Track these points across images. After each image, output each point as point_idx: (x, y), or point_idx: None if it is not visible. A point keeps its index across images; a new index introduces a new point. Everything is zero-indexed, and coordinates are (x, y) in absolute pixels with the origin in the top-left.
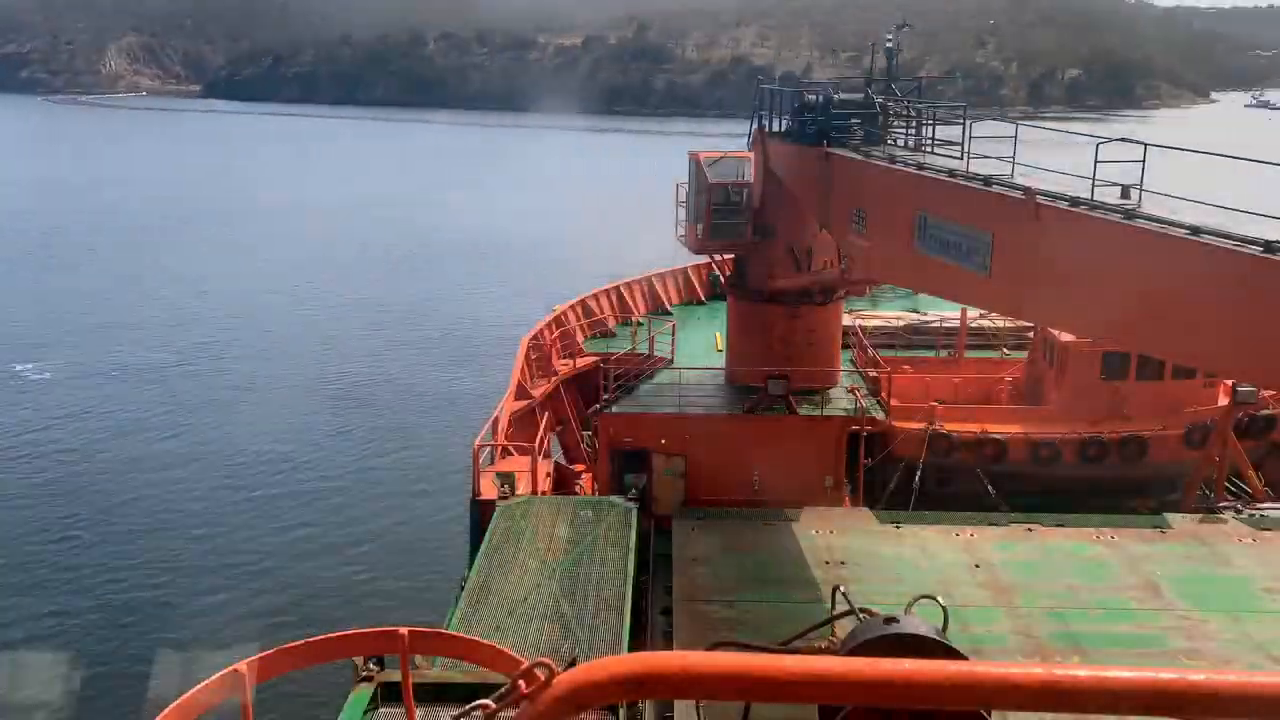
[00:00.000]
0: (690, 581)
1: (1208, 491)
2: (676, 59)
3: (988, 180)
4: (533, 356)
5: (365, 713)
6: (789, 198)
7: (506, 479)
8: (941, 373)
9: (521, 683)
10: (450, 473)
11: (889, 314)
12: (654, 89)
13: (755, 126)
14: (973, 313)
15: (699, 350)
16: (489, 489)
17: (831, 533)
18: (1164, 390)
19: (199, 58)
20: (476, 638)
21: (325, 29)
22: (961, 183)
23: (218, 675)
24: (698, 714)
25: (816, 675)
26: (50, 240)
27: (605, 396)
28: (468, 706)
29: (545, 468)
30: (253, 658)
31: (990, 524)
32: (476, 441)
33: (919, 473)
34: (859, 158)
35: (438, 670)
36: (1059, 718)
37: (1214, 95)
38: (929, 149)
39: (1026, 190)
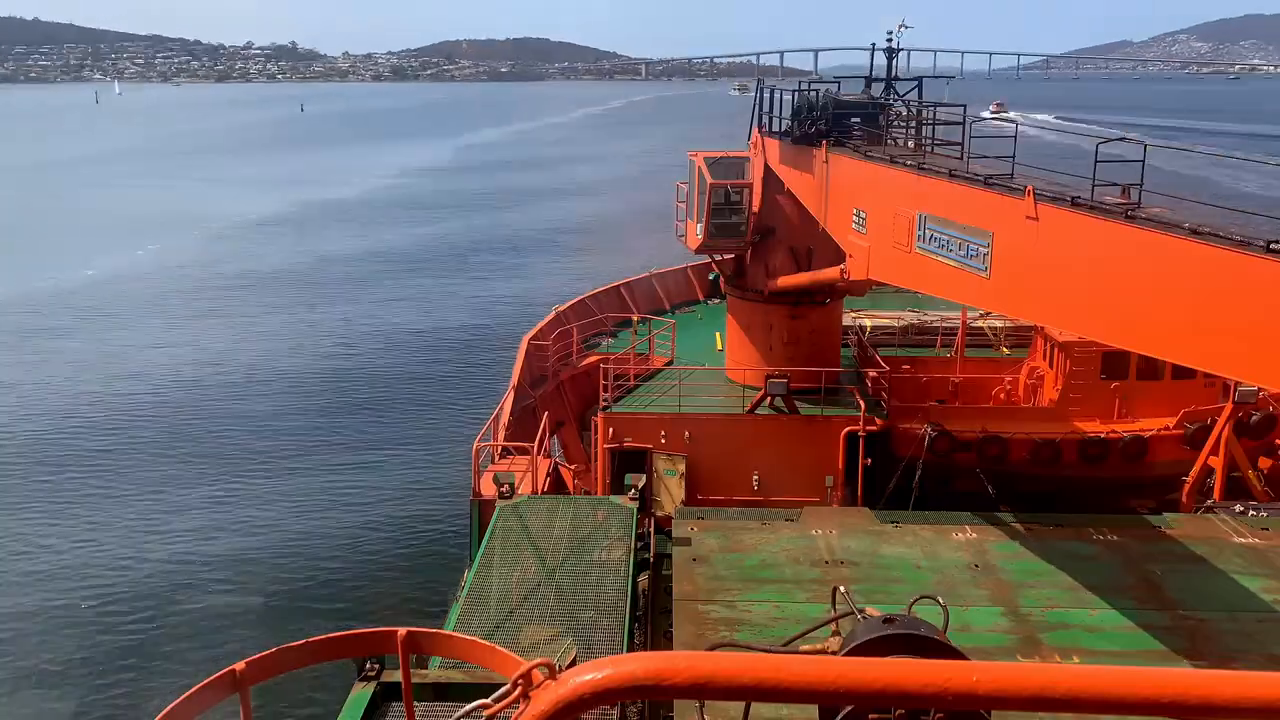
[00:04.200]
0: (690, 581)
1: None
2: None
3: (988, 180)
4: (533, 356)
5: (365, 713)
6: (789, 197)
7: (506, 479)
8: (941, 373)
9: (521, 683)
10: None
11: (889, 314)
12: None
13: (755, 126)
14: (973, 313)
15: (699, 350)
16: (489, 489)
17: (831, 533)
18: (1164, 390)
19: None
20: (476, 638)
21: None
22: (961, 183)
23: (215, 675)
24: (698, 714)
25: (817, 676)
26: None
27: (605, 396)
28: (468, 706)
29: (545, 468)
30: (251, 658)
31: (990, 524)
32: (476, 441)
33: (919, 473)
34: (859, 158)
35: (438, 670)
36: (1059, 717)
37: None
38: (929, 149)
39: (1026, 190)
